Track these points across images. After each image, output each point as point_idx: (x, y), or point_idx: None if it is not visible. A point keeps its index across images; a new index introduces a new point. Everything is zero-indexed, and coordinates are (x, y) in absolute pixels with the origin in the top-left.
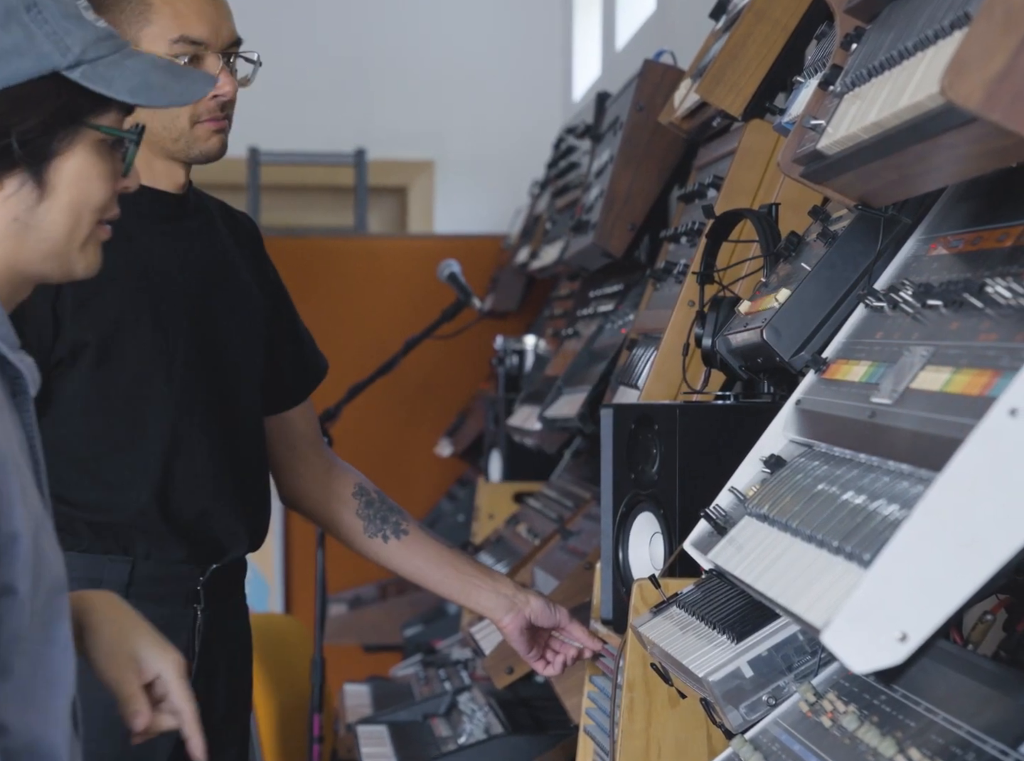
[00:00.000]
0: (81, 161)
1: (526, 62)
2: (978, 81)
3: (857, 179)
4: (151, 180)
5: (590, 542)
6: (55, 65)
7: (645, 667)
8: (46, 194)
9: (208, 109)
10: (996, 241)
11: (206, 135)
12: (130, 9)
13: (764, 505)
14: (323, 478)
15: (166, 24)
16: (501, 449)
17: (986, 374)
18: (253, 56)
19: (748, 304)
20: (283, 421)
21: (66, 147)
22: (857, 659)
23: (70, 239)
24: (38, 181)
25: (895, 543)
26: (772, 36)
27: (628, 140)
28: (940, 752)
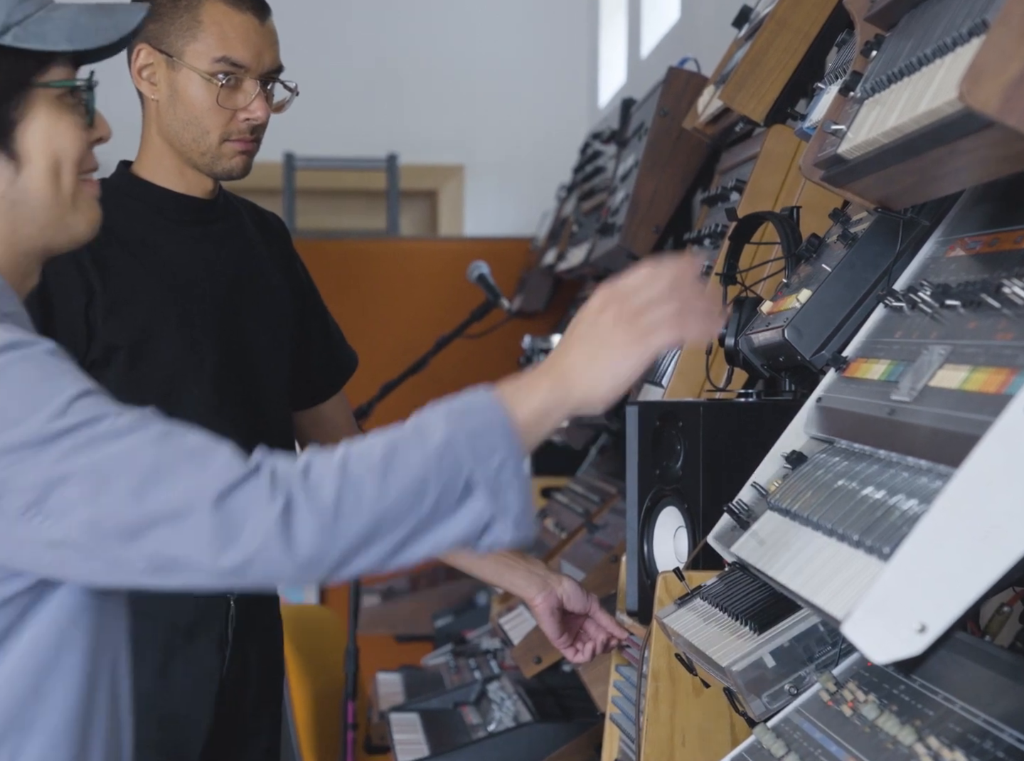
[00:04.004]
0: (44, 122)
1: (553, 69)
2: (995, 87)
3: (877, 183)
4: (183, 187)
5: (616, 536)
6: None
7: (669, 657)
8: (21, 164)
9: (239, 130)
10: (1013, 243)
11: (231, 154)
12: (180, 23)
13: (786, 500)
14: None
15: (211, 43)
16: None
17: (1003, 372)
18: (292, 85)
19: (770, 304)
20: (318, 414)
21: (24, 113)
22: (877, 650)
23: (58, 201)
24: (8, 154)
25: (914, 537)
26: (794, 44)
27: (653, 145)
28: (958, 740)
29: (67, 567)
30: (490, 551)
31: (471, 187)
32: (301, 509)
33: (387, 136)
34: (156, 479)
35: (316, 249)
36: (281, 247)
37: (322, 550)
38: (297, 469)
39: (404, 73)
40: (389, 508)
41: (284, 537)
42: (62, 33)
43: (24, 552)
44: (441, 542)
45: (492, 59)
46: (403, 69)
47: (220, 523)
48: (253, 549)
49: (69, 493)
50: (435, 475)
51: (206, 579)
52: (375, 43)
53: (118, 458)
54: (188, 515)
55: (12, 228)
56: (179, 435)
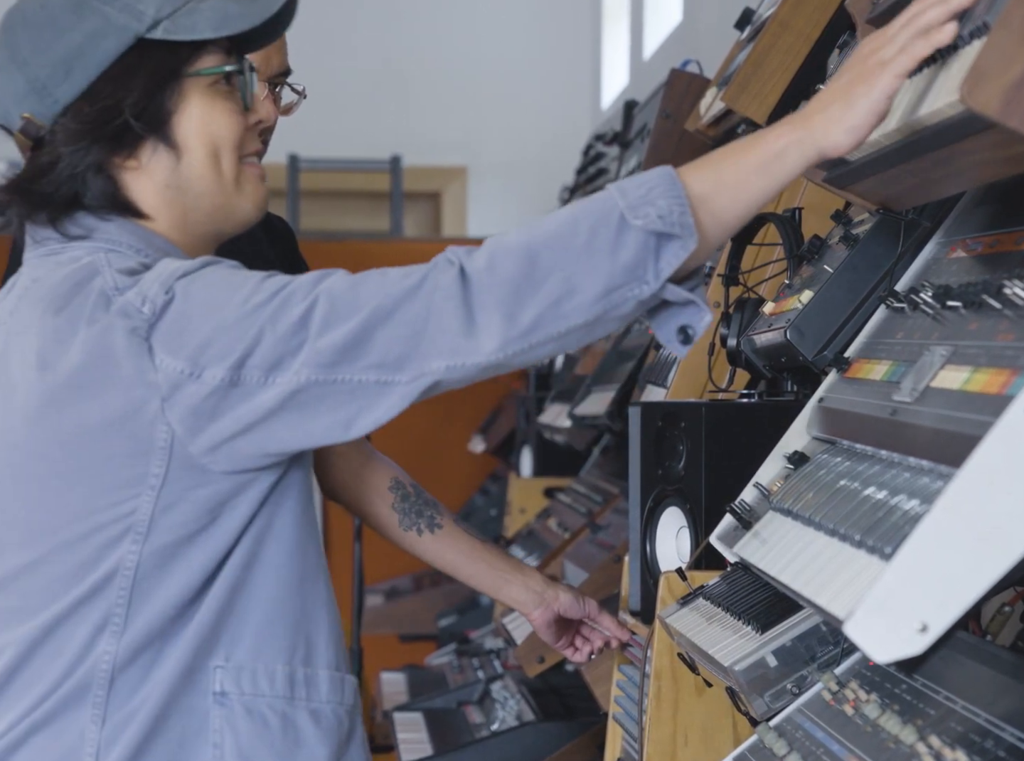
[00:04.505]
0: (199, 110)
1: (556, 71)
2: (996, 89)
3: (878, 184)
4: None
5: (618, 536)
6: (135, 32)
7: (672, 657)
8: (181, 152)
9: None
10: (1014, 244)
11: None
12: None
13: (788, 500)
14: (360, 471)
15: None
16: (532, 446)
17: (1004, 373)
18: (299, 87)
19: (772, 305)
20: None
21: (179, 103)
22: (878, 649)
23: (221, 185)
24: (168, 143)
25: (916, 537)
26: (796, 46)
27: (655, 147)
28: (959, 740)
29: (308, 421)
30: (684, 292)
31: (475, 188)
32: (468, 265)
33: (391, 138)
34: (355, 297)
35: (320, 250)
36: (286, 249)
37: (490, 291)
38: (461, 250)
39: (408, 75)
40: (541, 240)
41: (462, 289)
42: (209, 22)
43: (274, 423)
44: (612, 273)
45: (496, 61)
46: (407, 71)
47: (424, 301)
48: (436, 309)
49: (290, 344)
50: (584, 211)
51: (435, 356)
52: (380, 45)
53: (319, 298)
54: (395, 309)
55: (182, 214)
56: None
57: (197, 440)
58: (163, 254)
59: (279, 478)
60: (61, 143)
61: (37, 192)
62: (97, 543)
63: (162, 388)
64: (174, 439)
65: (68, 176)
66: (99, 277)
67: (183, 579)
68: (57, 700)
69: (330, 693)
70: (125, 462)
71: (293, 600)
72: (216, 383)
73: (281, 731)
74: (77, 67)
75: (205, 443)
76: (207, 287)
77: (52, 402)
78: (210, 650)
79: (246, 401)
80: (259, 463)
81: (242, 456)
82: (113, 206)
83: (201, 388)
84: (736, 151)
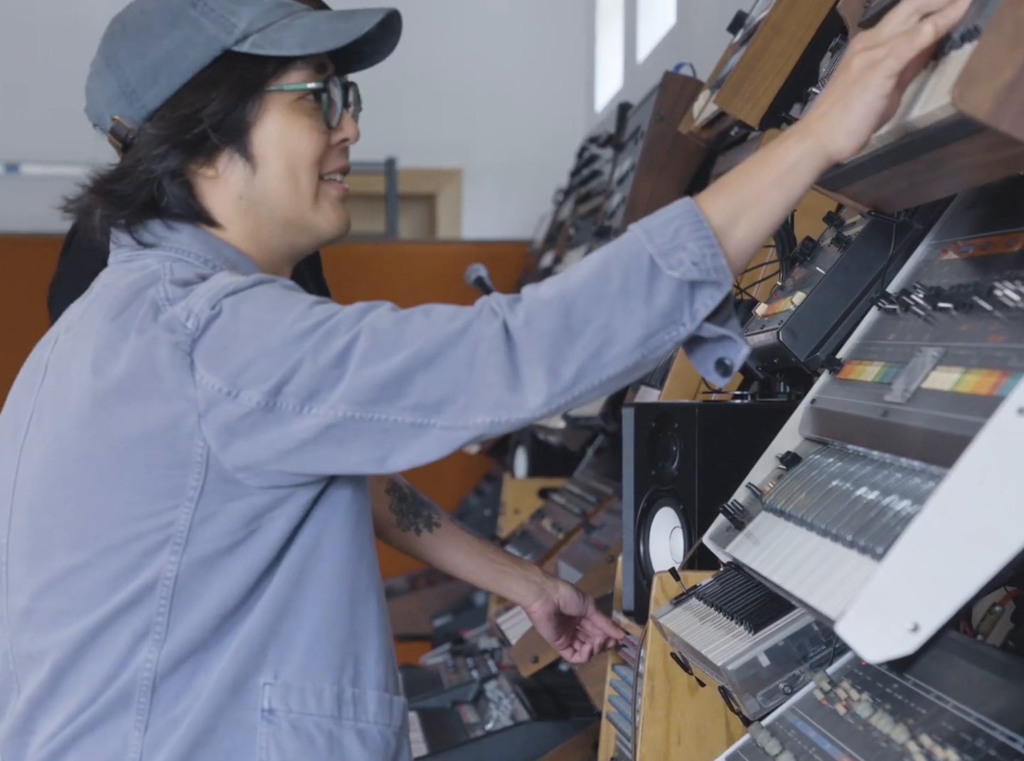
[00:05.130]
0: (279, 124)
1: (550, 74)
2: (988, 92)
3: (870, 186)
4: None
5: (612, 536)
6: (223, 44)
7: (665, 656)
8: (257, 165)
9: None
10: (1005, 246)
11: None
12: None
13: (780, 500)
14: None
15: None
16: (526, 446)
17: (995, 374)
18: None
19: (765, 306)
20: None
21: (259, 116)
22: (870, 649)
23: (298, 201)
24: (245, 155)
25: (907, 537)
26: (788, 49)
27: (649, 149)
28: (950, 738)
29: (342, 454)
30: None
31: (469, 190)
32: (510, 320)
33: (386, 140)
34: (399, 335)
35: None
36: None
37: (531, 346)
38: (503, 301)
39: (403, 78)
40: (574, 291)
41: (506, 343)
42: (296, 39)
43: (307, 453)
44: (649, 320)
45: (490, 64)
46: (402, 74)
47: (469, 351)
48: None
49: (329, 377)
50: (614, 257)
51: (480, 411)
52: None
53: (362, 333)
54: (438, 354)
55: (255, 226)
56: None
57: (230, 457)
58: (231, 265)
59: (319, 493)
60: (142, 147)
61: (116, 193)
62: (138, 550)
63: (200, 404)
64: (209, 453)
65: (145, 179)
66: (155, 286)
67: (223, 591)
68: (102, 705)
69: (378, 714)
70: (164, 473)
71: (342, 619)
72: (252, 405)
73: (327, 750)
74: (164, 74)
75: (238, 461)
76: (255, 307)
77: (101, 406)
78: (258, 666)
79: (279, 427)
80: (293, 480)
81: (275, 474)
82: (188, 212)
83: (237, 408)
84: (749, 171)
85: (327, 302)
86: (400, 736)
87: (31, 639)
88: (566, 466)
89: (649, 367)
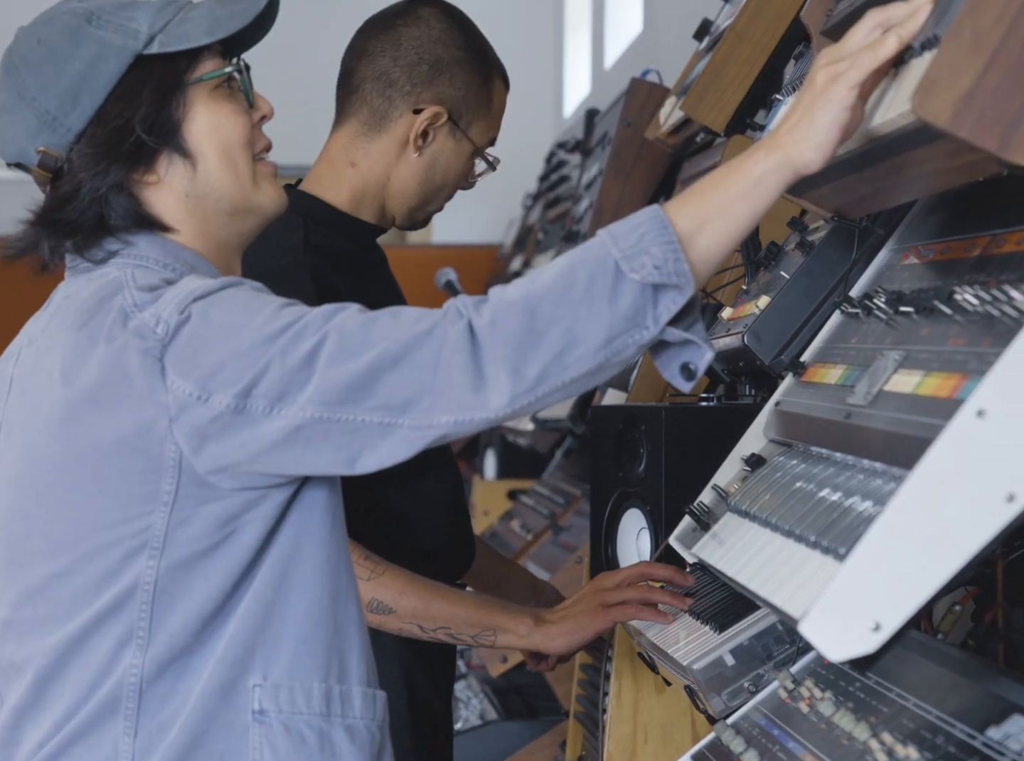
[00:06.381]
0: (206, 115)
1: (519, 80)
2: (947, 100)
3: (833, 192)
4: (375, 221)
5: (580, 537)
6: (134, 51)
7: (632, 656)
8: (196, 160)
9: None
10: (964, 251)
11: (424, 219)
12: (476, 96)
13: (745, 502)
14: None
15: (493, 125)
16: (496, 448)
17: (955, 377)
18: (492, 158)
19: (730, 310)
20: None
21: (186, 111)
22: (833, 648)
23: (240, 185)
24: (182, 153)
25: (869, 538)
26: (753, 56)
27: (616, 154)
28: (911, 736)
29: (312, 454)
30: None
31: None
32: (475, 320)
33: None
34: (366, 337)
35: None
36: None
37: (495, 347)
38: (469, 303)
39: None
40: (539, 293)
41: (470, 343)
42: (201, 28)
43: (277, 455)
44: (612, 322)
45: None
46: None
47: (434, 351)
48: (448, 358)
49: (298, 378)
50: (579, 261)
51: (444, 410)
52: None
53: (329, 335)
54: (404, 355)
55: (204, 221)
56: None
57: (202, 460)
58: (190, 267)
59: (294, 495)
60: (80, 170)
61: (63, 221)
62: (116, 556)
63: (171, 409)
64: (182, 457)
65: (91, 200)
66: (120, 294)
67: (203, 593)
68: (89, 712)
69: (363, 709)
70: (139, 478)
71: (327, 619)
72: (222, 408)
73: (318, 748)
74: (84, 93)
75: (211, 464)
76: (224, 311)
77: (72, 416)
78: (247, 668)
79: (250, 429)
80: (266, 482)
81: (247, 476)
82: (138, 223)
83: (208, 412)
84: (718, 182)
85: (295, 304)
86: (383, 729)
87: (13, 649)
88: (535, 468)
89: (614, 370)
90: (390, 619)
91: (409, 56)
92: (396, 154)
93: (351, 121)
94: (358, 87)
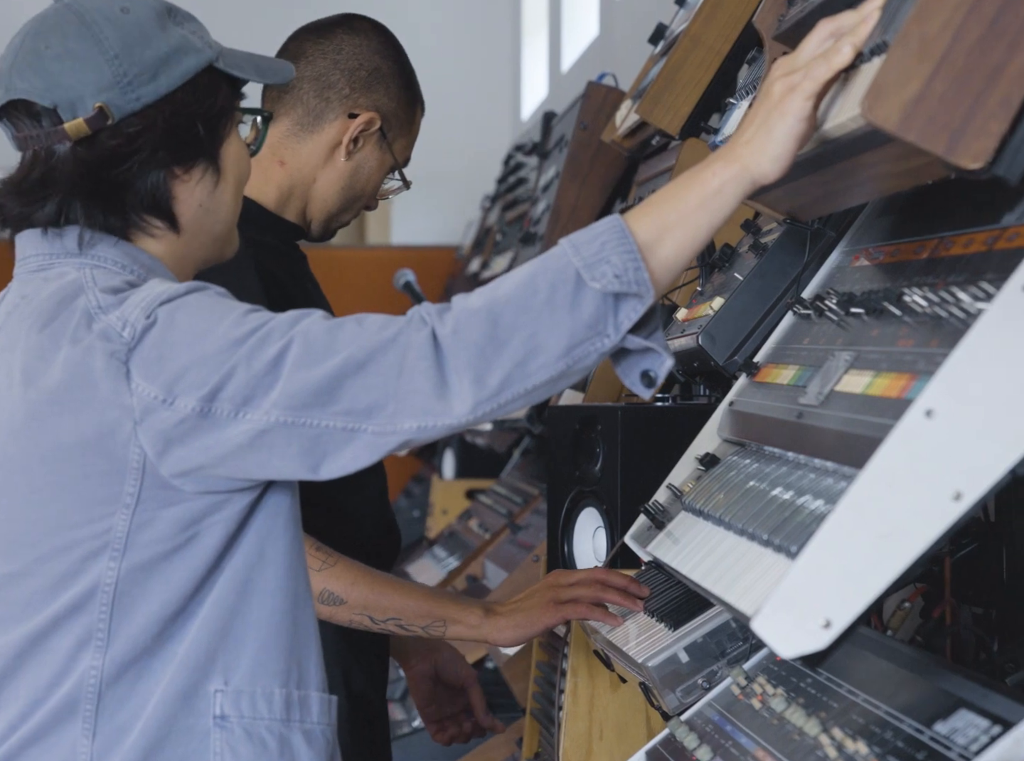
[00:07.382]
0: (236, 143)
1: (477, 83)
2: (895, 104)
3: (785, 195)
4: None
5: (538, 536)
6: (209, 58)
7: (588, 654)
8: (221, 177)
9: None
10: (913, 253)
11: (337, 228)
12: (405, 115)
13: (699, 500)
14: None
15: (410, 144)
16: (454, 448)
17: (904, 377)
18: (408, 179)
19: (685, 311)
20: None
21: (228, 131)
22: (784, 645)
23: (233, 217)
24: (216, 166)
25: (820, 536)
26: (707, 60)
27: (573, 157)
28: (860, 731)
29: (276, 459)
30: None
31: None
32: (438, 328)
33: None
34: (331, 342)
35: None
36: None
37: (459, 355)
38: (433, 310)
39: None
40: (501, 301)
41: (434, 351)
42: (251, 67)
43: (242, 459)
44: (573, 330)
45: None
46: None
47: (398, 358)
48: (411, 366)
49: (263, 383)
50: (541, 270)
51: (407, 416)
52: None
53: (295, 340)
54: (369, 360)
55: (195, 234)
56: (339, 319)
57: (167, 463)
58: (147, 270)
59: (257, 501)
60: (139, 138)
61: (107, 181)
62: (75, 557)
63: (135, 412)
64: (146, 460)
65: (138, 169)
66: (83, 296)
67: (163, 596)
68: (47, 713)
69: (320, 714)
70: (101, 480)
71: (287, 625)
72: (187, 412)
73: (278, 753)
74: (163, 73)
75: (175, 467)
76: (189, 315)
77: (34, 417)
78: (208, 673)
79: (215, 433)
80: (229, 486)
81: (211, 479)
82: (158, 213)
83: (173, 415)
84: (677, 192)
85: (260, 310)
86: (336, 732)
87: None
88: (493, 468)
89: (575, 377)
90: (340, 610)
91: (350, 61)
92: (325, 157)
93: (283, 120)
94: (293, 87)
